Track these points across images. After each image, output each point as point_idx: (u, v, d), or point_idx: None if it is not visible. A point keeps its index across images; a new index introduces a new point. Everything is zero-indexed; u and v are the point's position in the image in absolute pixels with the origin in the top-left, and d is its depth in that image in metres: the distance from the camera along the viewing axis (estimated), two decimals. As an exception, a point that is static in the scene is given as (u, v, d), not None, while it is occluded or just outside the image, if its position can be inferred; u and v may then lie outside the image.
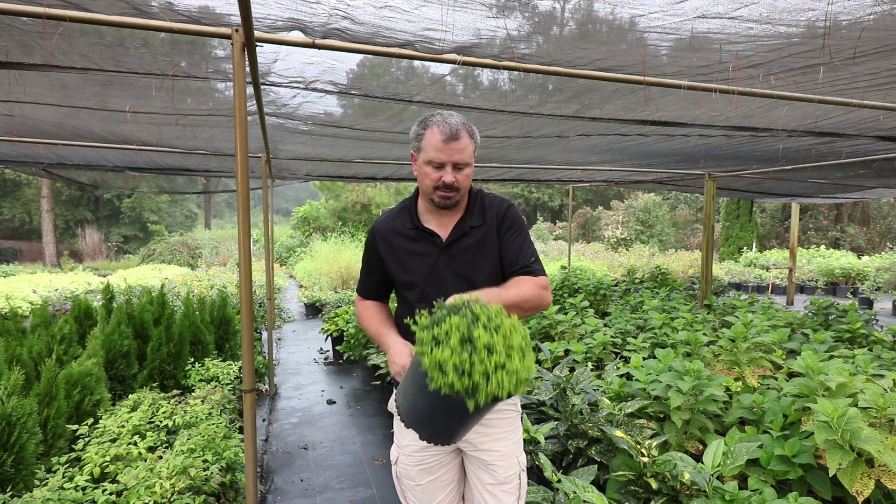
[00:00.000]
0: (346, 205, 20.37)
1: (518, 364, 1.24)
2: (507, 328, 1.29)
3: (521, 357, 1.27)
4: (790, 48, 2.22)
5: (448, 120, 1.58)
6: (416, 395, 1.36)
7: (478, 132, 1.67)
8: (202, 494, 2.20)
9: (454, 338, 1.24)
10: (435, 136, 1.57)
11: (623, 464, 2.35)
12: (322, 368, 6.24)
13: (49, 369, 2.68)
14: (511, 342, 1.26)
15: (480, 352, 1.22)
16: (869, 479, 2.10)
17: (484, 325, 1.27)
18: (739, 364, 3.49)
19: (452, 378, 1.21)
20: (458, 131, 1.57)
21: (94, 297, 8.82)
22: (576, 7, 2.09)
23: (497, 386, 1.22)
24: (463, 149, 1.58)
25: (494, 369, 1.22)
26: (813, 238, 19.95)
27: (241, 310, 1.93)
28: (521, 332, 1.31)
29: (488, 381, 1.21)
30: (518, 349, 1.26)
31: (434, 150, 1.57)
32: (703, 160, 5.51)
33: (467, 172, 1.62)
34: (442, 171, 1.59)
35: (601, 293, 7.09)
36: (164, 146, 4.53)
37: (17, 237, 26.31)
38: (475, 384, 1.22)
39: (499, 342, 1.24)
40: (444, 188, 1.60)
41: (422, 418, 1.39)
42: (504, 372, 1.23)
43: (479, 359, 1.22)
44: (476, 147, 1.65)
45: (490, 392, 1.21)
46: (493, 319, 1.29)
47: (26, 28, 2.04)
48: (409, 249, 1.70)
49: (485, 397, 1.21)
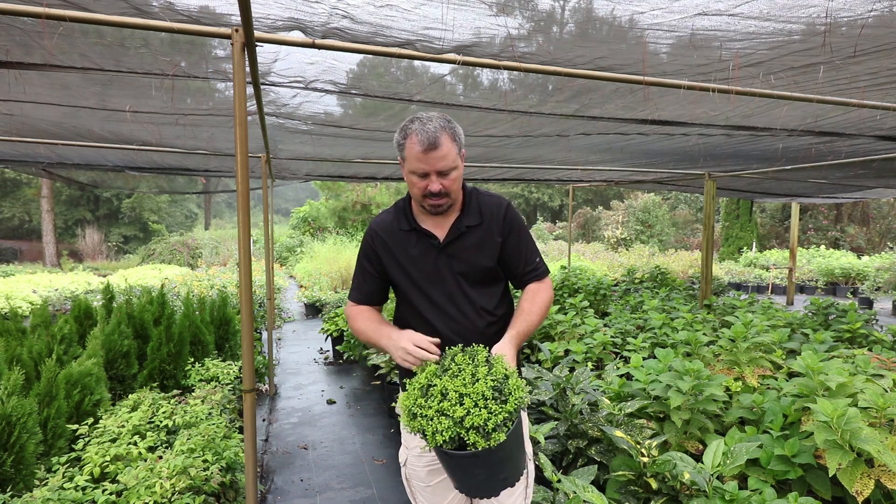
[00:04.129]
0: (346, 204, 20.37)
1: (460, 411, 1.31)
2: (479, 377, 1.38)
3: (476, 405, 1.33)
4: (790, 46, 2.22)
5: (426, 126, 1.52)
6: (449, 469, 1.43)
7: (461, 130, 1.62)
8: (202, 494, 2.20)
9: (416, 388, 1.41)
10: (414, 146, 1.53)
11: (623, 464, 2.35)
12: (322, 368, 6.24)
13: (49, 369, 2.68)
14: (470, 391, 1.35)
15: (435, 398, 1.35)
16: (869, 479, 2.10)
17: (453, 373, 1.39)
18: (739, 364, 3.49)
19: (406, 420, 1.38)
20: (437, 139, 1.51)
21: (94, 297, 8.82)
22: (576, 6, 2.09)
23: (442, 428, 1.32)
24: (444, 156, 1.53)
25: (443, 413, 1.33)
26: (813, 238, 19.95)
27: (241, 310, 1.93)
28: (490, 382, 1.38)
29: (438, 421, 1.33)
30: (479, 395, 1.35)
31: (415, 160, 1.54)
32: (703, 160, 5.51)
33: (454, 176, 1.58)
34: (427, 180, 1.56)
35: (601, 293, 7.09)
36: (164, 146, 4.53)
37: (17, 237, 26.31)
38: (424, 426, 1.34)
39: (453, 389, 1.35)
40: (432, 196, 1.58)
41: (461, 478, 1.42)
42: (446, 418, 1.32)
43: (431, 403, 1.34)
44: (461, 147, 1.60)
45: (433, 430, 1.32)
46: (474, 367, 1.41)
47: (26, 28, 2.04)
48: (407, 250, 1.69)
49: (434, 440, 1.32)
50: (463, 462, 1.33)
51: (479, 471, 1.34)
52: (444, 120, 1.57)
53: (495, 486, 1.40)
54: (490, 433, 1.29)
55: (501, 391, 1.35)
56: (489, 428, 1.29)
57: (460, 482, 1.41)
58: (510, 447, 1.34)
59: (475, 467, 1.33)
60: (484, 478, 1.36)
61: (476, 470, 1.34)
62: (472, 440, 1.28)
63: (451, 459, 1.34)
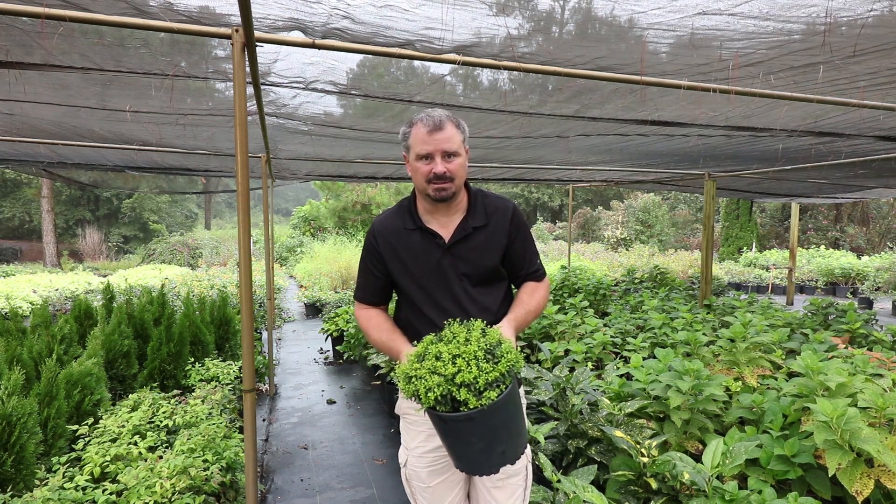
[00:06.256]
0: (346, 204, 20.37)
1: (452, 368, 1.34)
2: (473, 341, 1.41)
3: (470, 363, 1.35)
4: (790, 46, 2.22)
5: (431, 114, 1.60)
6: (446, 440, 1.42)
7: (465, 125, 1.68)
8: (202, 494, 2.20)
9: (413, 356, 1.43)
10: (420, 130, 1.60)
11: (623, 464, 2.35)
12: (322, 368, 6.24)
13: (49, 369, 2.68)
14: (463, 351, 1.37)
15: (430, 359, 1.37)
16: (868, 478, 2.10)
17: (448, 340, 1.42)
18: (738, 364, 3.49)
19: (402, 384, 1.38)
20: (442, 122, 1.59)
21: (94, 297, 8.82)
22: (576, 6, 2.09)
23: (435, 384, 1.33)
24: (449, 138, 1.59)
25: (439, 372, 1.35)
26: (813, 238, 19.95)
27: (241, 310, 1.93)
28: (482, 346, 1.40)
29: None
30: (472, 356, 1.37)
31: (420, 142, 1.59)
32: (703, 160, 5.51)
33: (459, 162, 1.62)
34: (432, 163, 1.60)
35: (601, 293, 7.09)
36: (165, 146, 4.53)
37: (17, 237, 26.31)
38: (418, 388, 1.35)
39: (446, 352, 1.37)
40: (437, 179, 1.60)
41: (458, 450, 1.42)
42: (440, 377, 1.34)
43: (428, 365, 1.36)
44: (465, 138, 1.66)
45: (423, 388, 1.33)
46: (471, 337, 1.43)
47: (26, 28, 2.04)
48: (411, 249, 1.69)
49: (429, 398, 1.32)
50: (458, 426, 1.33)
51: (474, 439, 1.34)
52: (449, 113, 1.64)
53: (493, 462, 1.40)
54: (481, 392, 1.31)
55: (494, 354, 1.38)
56: (480, 385, 1.31)
57: (458, 455, 1.42)
58: (506, 415, 1.35)
59: (471, 434, 1.34)
60: (481, 448, 1.36)
61: (472, 438, 1.34)
62: (463, 397, 1.29)
63: (446, 424, 1.35)
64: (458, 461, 1.44)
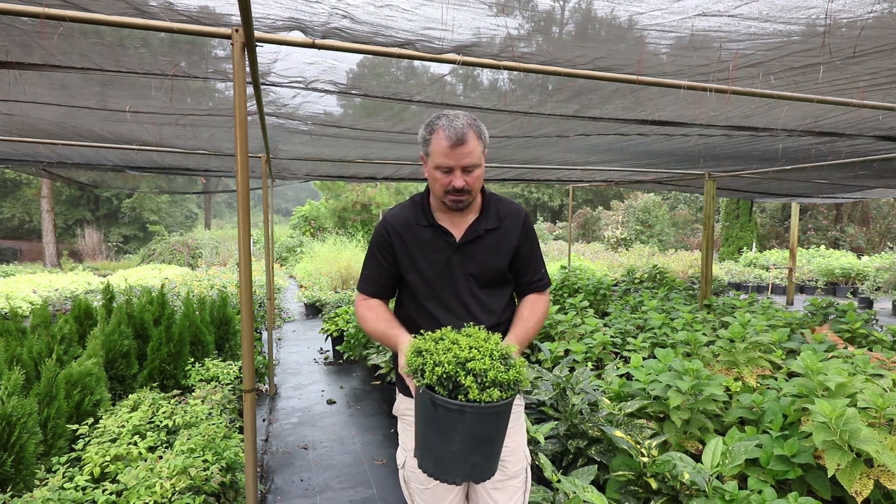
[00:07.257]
0: (346, 204, 20.36)
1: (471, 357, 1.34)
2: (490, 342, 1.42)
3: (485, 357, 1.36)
4: (790, 46, 2.22)
5: (454, 123, 1.55)
6: (426, 430, 1.39)
7: (486, 130, 1.64)
8: (202, 494, 2.20)
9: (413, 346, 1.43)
10: (441, 141, 1.55)
11: (623, 464, 2.35)
12: (322, 368, 6.24)
13: (49, 369, 2.68)
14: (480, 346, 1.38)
15: (445, 344, 1.38)
16: (868, 479, 2.10)
17: (466, 333, 1.44)
18: (738, 364, 3.49)
19: (409, 357, 1.37)
20: (465, 135, 1.54)
21: (94, 297, 8.81)
22: (576, 6, 2.09)
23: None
24: (470, 152, 1.55)
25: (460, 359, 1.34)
26: (813, 238, 19.95)
27: (241, 310, 1.93)
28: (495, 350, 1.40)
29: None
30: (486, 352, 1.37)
31: (441, 155, 1.56)
32: (703, 160, 5.51)
33: (477, 174, 1.60)
34: (451, 176, 1.58)
35: (601, 293, 7.09)
36: (164, 146, 4.53)
37: (17, 237, 26.31)
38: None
39: (464, 342, 1.38)
40: (455, 192, 1.59)
41: (433, 442, 1.37)
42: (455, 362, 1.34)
43: (445, 347, 1.36)
44: (485, 146, 1.63)
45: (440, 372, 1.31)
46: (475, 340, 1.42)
47: (26, 28, 2.04)
48: (423, 245, 1.69)
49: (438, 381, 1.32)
50: (447, 416, 1.30)
51: (456, 436, 1.31)
52: (471, 118, 1.59)
53: (461, 470, 1.35)
54: (486, 387, 1.30)
55: (507, 361, 1.38)
56: (488, 379, 1.30)
57: (430, 450, 1.37)
58: (495, 426, 1.34)
59: (455, 430, 1.30)
60: (458, 449, 1.32)
61: (454, 434, 1.31)
62: (467, 383, 1.28)
63: (435, 410, 1.31)
64: (425, 459, 1.39)
